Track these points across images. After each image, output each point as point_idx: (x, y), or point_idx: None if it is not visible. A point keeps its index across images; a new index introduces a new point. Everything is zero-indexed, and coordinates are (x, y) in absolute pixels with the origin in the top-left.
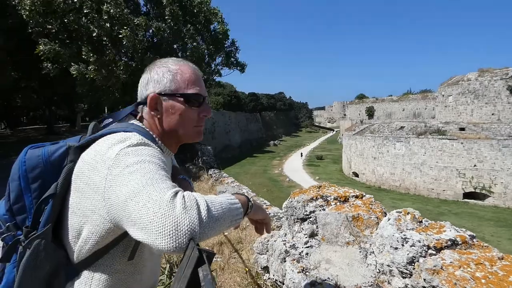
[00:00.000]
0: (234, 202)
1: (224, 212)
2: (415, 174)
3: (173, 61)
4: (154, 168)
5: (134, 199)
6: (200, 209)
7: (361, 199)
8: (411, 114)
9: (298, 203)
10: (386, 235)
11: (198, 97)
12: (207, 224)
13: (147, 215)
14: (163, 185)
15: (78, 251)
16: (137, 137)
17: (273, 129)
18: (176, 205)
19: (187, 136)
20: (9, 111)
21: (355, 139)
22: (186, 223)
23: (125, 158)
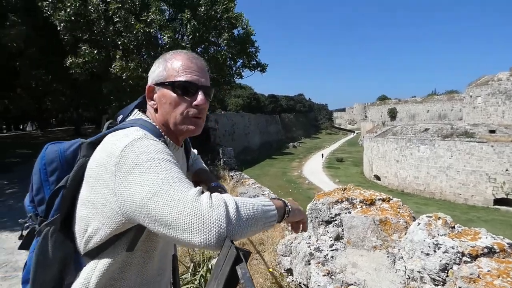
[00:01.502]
0: (268, 204)
1: (255, 214)
2: (440, 178)
3: (174, 52)
4: (166, 166)
5: (152, 198)
6: (228, 208)
7: (388, 202)
8: (436, 115)
9: (323, 205)
10: (417, 240)
11: (189, 84)
12: (237, 223)
13: (171, 214)
14: (182, 184)
15: (85, 242)
16: (139, 132)
17: (292, 131)
18: (202, 203)
19: (179, 127)
20: (40, 113)
21: (376, 141)
22: (212, 220)
23: (130, 155)
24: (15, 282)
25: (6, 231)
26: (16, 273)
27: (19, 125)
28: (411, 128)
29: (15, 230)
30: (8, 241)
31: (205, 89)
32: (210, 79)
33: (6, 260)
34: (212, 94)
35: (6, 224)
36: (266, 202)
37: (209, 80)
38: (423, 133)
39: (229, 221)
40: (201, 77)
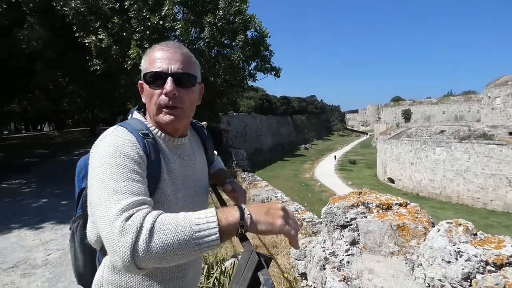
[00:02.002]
0: (204, 223)
1: (176, 239)
2: (457, 182)
3: (155, 45)
4: (111, 174)
5: (95, 207)
6: (140, 234)
7: (405, 207)
8: (452, 117)
9: (338, 209)
10: (437, 247)
11: (157, 74)
12: (145, 252)
13: (101, 228)
14: (115, 197)
15: (89, 237)
16: (109, 131)
17: (304, 133)
18: (116, 227)
19: (156, 119)
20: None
21: (390, 143)
22: (118, 247)
23: (92, 156)
24: (34, 279)
25: (24, 229)
26: (35, 270)
27: (37, 125)
28: (426, 130)
29: (33, 228)
30: (26, 239)
31: (178, 76)
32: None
33: (25, 257)
34: (193, 81)
35: (25, 222)
36: (204, 219)
37: (189, 67)
38: (439, 135)
39: (135, 250)
40: (171, 64)
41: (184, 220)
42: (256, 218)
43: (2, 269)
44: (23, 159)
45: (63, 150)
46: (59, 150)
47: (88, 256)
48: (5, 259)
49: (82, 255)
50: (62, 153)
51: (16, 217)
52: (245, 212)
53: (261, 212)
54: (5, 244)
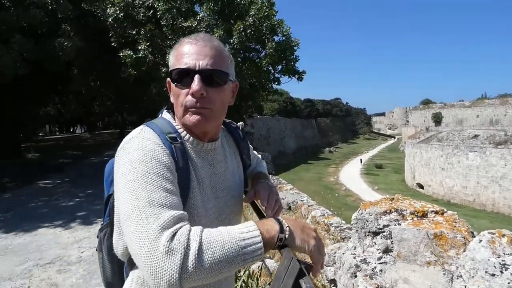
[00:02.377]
0: (249, 237)
1: (224, 257)
2: (492, 189)
3: (183, 38)
4: (143, 183)
5: (126, 221)
6: (188, 255)
7: (442, 215)
8: (487, 121)
9: (370, 215)
10: (479, 259)
11: (183, 71)
12: (194, 272)
13: (135, 245)
14: (151, 210)
15: (116, 249)
16: (135, 132)
17: (328, 136)
18: (159, 246)
19: (183, 122)
20: (88, 116)
21: (420, 148)
22: (164, 271)
23: (118, 161)
24: (69, 275)
25: (59, 228)
26: (70, 267)
27: (70, 127)
28: (459, 134)
29: (67, 226)
30: (61, 236)
31: (207, 73)
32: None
33: (60, 254)
34: (225, 79)
35: (60, 221)
36: (248, 234)
37: (220, 63)
38: (472, 139)
39: (184, 271)
40: (199, 59)
41: (229, 236)
42: (294, 232)
43: (40, 265)
44: (57, 159)
45: (94, 152)
46: (90, 151)
47: (117, 266)
48: (42, 255)
49: (110, 265)
50: (93, 154)
51: (51, 216)
52: (283, 224)
53: (298, 227)
54: (42, 241)
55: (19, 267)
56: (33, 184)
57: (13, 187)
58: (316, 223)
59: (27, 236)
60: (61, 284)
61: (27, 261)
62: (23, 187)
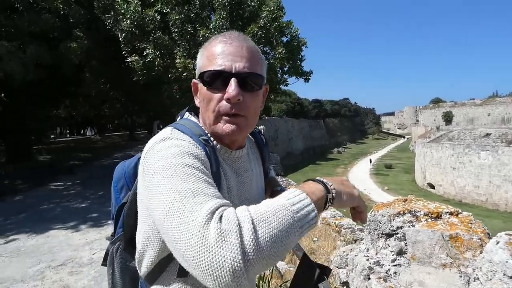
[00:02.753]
0: (298, 201)
1: (281, 225)
2: (505, 188)
3: (214, 36)
4: (181, 174)
5: (166, 218)
6: (242, 235)
7: (456, 216)
8: (499, 119)
9: (383, 217)
10: (497, 261)
11: (217, 74)
12: (256, 253)
13: (181, 242)
14: (195, 199)
15: (138, 265)
16: (166, 133)
17: (337, 136)
18: (210, 234)
19: (214, 129)
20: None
21: (430, 147)
22: (222, 260)
23: (150, 160)
24: (81, 277)
25: (71, 229)
26: (81, 268)
27: (80, 130)
28: (470, 133)
29: (78, 228)
30: (73, 238)
31: (243, 76)
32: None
33: (72, 256)
34: (261, 83)
35: (71, 223)
36: (296, 198)
37: (256, 65)
38: (483, 138)
39: (245, 257)
40: (236, 61)
41: (278, 203)
42: (338, 189)
43: (52, 267)
44: (68, 162)
45: (104, 154)
46: (101, 153)
47: (130, 281)
48: (54, 257)
49: (121, 281)
50: (103, 156)
51: (63, 217)
52: (327, 184)
53: (339, 183)
54: (54, 243)
55: (32, 268)
56: (44, 186)
57: (24, 189)
58: (327, 224)
59: (39, 238)
60: (73, 285)
61: (39, 262)
62: (34, 189)
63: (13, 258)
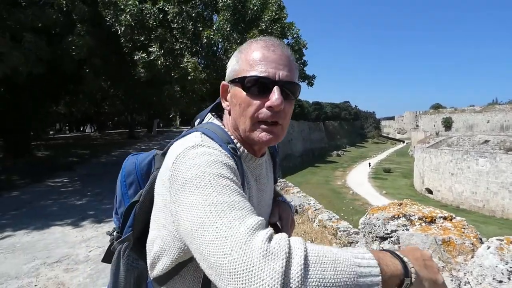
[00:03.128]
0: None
1: (337, 278)
2: (502, 195)
3: (252, 40)
4: (217, 186)
5: (198, 230)
6: (291, 262)
7: (450, 221)
8: (498, 126)
9: (378, 220)
10: (487, 266)
11: (261, 80)
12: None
13: (216, 255)
14: (234, 213)
15: (151, 267)
16: (197, 139)
17: (336, 139)
18: (254, 248)
19: (249, 135)
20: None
21: (429, 153)
22: (262, 276)
23: (180, 168)
24: (76, 274)
25: (68, 226)
26: (77, 266)
27: (79, 127)
28: (469, 139)
29: (75, 225)
30: (69, 235)
31: (285, 85)
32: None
33: (68, 253)
34: (297, 93)
35: (68, 219)
36: (364, 262)
37: (295, 74)
38: (482, 145)
39: (286, 283)
40: (279, 69)
41: (343, 256)
42: (420, 274)
43: (47, 264)
44: (67, 158)
45: (104, 151)
46: (100, 150)
47: (136, 280)
48: (50, 254)
49: (125, 281)
50: (103, 154)
51: (60, 214)
52: (408, 265)
53: (421, 265)
54: (50, 239)
55: (27, 265)
56: (42, 182)
57: (22, 185)
58: (323, 227)
59: (35, 234)
60: (68, 283)
61: (34, 259)
62: (32, 185)
63: (8, 254)
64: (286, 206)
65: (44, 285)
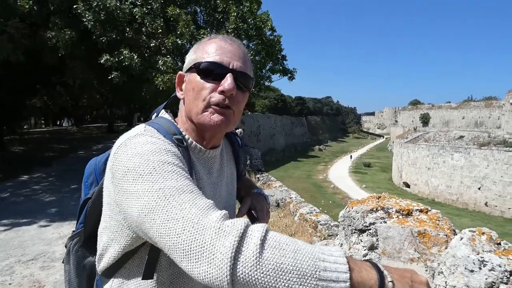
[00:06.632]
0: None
1: (296, 267)
2: (475, 189)
3: (211, 35)
4: (162, 173)
5: (148, 215)
6: (246, 240)
7: (426, 213)
8: (472, 123)
9: (357, 213)
10: (460, 256)
11: (216, 65)
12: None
13: (169, 237)
14: (183, 197)
15: (99, 259)
16: (139, 129)
17: (318, 134)
18: (206, 227)
19: (201, 118)
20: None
21: (407, 147)
22: (211, 255)
23: (122, 157)
24: (52, 272)
25: (43, 223)
26: (54, 263)
27: (56, 121)
28: (445, 135)
29: (52, 222)
30: (46, 232)
31: (238, 74)
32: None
33: (44, 250)
34: (250, 86)
35: (44, 216)
36: (328, 258)
37: (249, 69)
38: (457, 140)
39: (237, 261)
40: (234, 59)
41: (306, 247)
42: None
43: (22, 261)
44: (43, 153)
45: (82, 146)
46: (78, 145)
47: (86, 280)
48: (25, 251)
49: (77, 279)
50: (81, 149)
51: (36, 211)
52: (386, 277)
53: (405, 283)
54: (25, 237)
55: (0, 263)
56: (17, 178)
57: None
58: (304, 220)
59: (9, 232)
60: (44, 280)
61: (8, 257)
62: (6, 181)
63: None
64: (260, 197)
65: (19, 283)
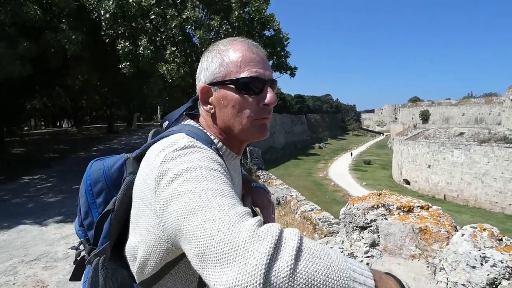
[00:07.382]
0: (361, 275)
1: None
2: (475, 185)
3: (226, 41)
4: (208, 175)
5: (188, 217)
6: (278, 251)
7: (427, 210)
8: (472, 119)
9: (358, 210)
10: (461, 252)
11: (254, 81)
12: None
13: (203, 238)
14: (223, 200)
15: (138, 273)
16: (185, 140)
17: (318, 132)
18: (242, 230)
19: (246, 133)
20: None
21: (407, 145)
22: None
23: (170, 165)
24: (55, 272)
25: (45, 223)
26: (56, 263)
27: (56, 122)
28: (445, 131)
29: (54, 222)
30: (47, 233)
31: (272, 83)
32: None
33: (46, 251)
34: (276, 88)
35: (46, 217)
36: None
37: (271, 70)
38: (457, 137)
39: (272, 267)
40: (266, 69)
41: (338, 265)
42: None
43: (25, 262)
44: (43, 154)
45: (82, 147)
46: (78, 146)
47: None
48: (27, 251)
49: None
50: (81, 150)
51: (37, 212)
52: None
53: None
54: (27, 237)
55: (4, 264)
56: (18, 179)
57: None
58: (305, 218)
59: (12, 233)
60: (47, 280)
61: (11, 258)
62: (7, 182)
63: None
64: (260, 190)
65: (23, 283)
